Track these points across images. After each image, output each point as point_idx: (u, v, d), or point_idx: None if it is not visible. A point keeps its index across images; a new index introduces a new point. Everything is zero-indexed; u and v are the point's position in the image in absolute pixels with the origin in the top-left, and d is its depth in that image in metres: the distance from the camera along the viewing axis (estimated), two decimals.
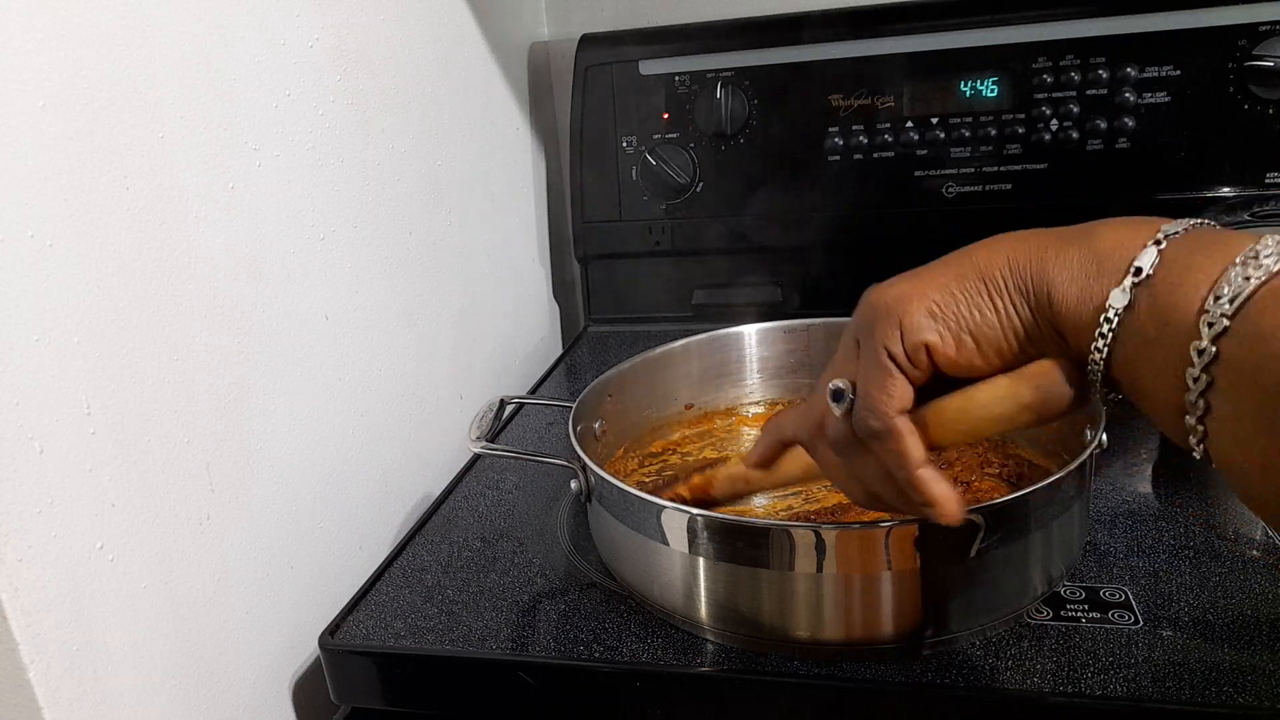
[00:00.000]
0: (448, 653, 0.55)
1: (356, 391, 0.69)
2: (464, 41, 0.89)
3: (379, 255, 0.72)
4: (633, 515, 0.56)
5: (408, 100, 0.77)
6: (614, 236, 1.05)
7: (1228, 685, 0.47)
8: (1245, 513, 0.63)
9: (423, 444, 0.79)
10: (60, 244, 0.43)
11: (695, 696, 0.53)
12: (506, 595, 0.60)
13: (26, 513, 0.42)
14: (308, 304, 0.63)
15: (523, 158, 1.05)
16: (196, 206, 0.52)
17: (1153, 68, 0.89)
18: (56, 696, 0.43)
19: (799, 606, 0.52)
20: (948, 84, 0.94)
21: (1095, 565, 0.58)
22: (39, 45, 0.42)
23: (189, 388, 0.52)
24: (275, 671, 0.59)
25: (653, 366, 0.76)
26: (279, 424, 0.60)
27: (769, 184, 1.00)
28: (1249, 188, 0.90)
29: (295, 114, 0.61)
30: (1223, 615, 0.52)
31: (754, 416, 0.79)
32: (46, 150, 0.43)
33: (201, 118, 0.53)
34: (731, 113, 0.98)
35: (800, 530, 0.51)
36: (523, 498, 0.72)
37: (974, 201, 0.95)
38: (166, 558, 0.50)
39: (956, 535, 0.51)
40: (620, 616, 0.57)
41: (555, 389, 0.94)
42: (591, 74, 1.02)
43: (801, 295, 1.03)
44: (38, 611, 0.42)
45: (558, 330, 1.16)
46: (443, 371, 0.83)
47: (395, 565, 0.64)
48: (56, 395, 0.43)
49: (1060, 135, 0.92)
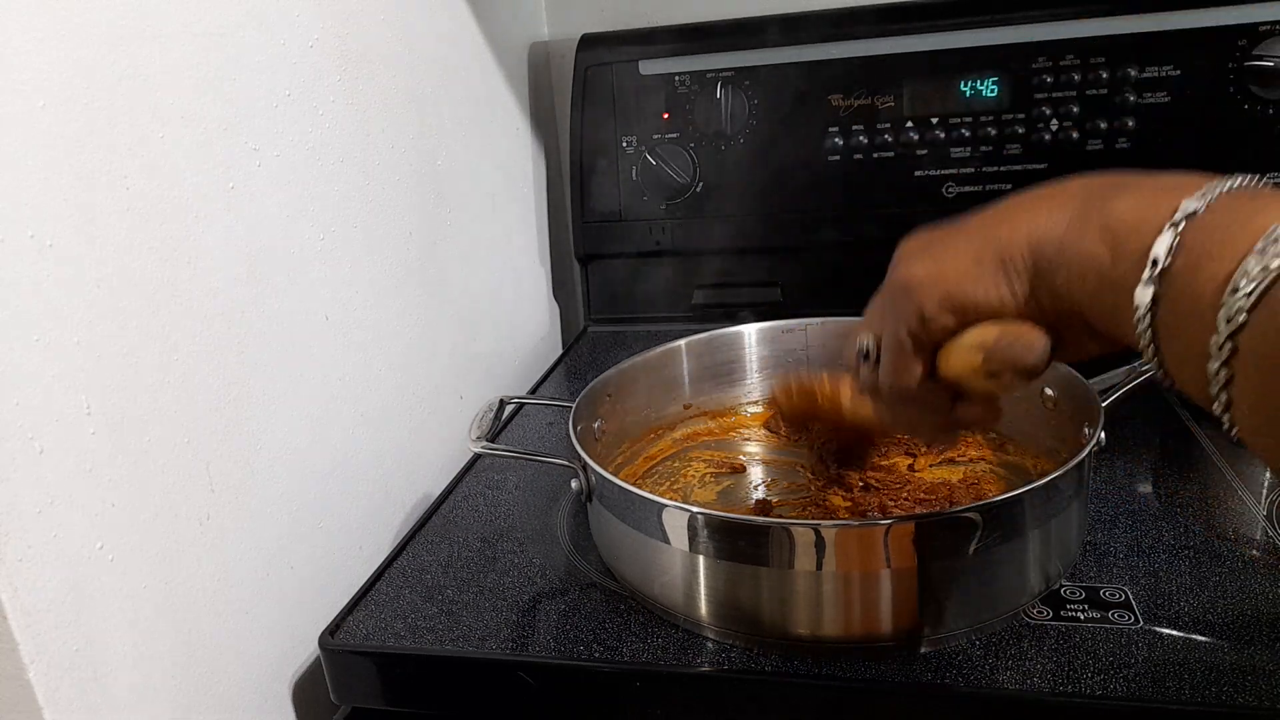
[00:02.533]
0: (448, 653, 0.55)
1: (356, 391, 0.69)
2: (464, 41, 0.89)
3: (379, 255, 0.72)
4: (633, 514, 0.56)
5: (408, 100, 0.77)
6: (614, 236, 1.05)
7: (1228, 685, 0.47)
8: (1245, 512, 0.63)
9: (423, 444, 0.79)
10: (60, 244, 0.43)
11: (695, 696, 0.53)
12: (506, 595, 0.60)
13: (26, 513, 0.42)
14: (308, 304, 0.63)
15: (523, 158, 1.05)
16: (196, 206, 0.52)
17: (1153, 68, 0.90)
18: (56, 696, 0.43)
19: (799, 604, 0.52)
20: (948, 84, 0.94)
21: (1095, 565, 0.58)
22: (39, 45, 0.42)
23: (189, 388, 0.52)
24: (275, 671, 0.60)
25: (653, 366, 0.76)
26: (279, 424, 0.60)
27: (769, 184, 1.00)
28: None
29: (295, 114, 0.61)
30: (1223, 615, 0.52)
31: (753, 416, 0.79)
32: (46, 150, 0.43)
33: (201, 118, 0.53)
34: (731, 113, 0.98)
35: (800, 528, 0.51)
36: (523, 498, 0.72)
37: (974, 201, 0.94)
38: (166, 558, 0.50)
39: (955, 533, 0.51)
40: (620, 616, 0.57)
41: (555, 389, 0.94)
42: (591, 74, 1.03)
43: (801, 295, 1.03)
44: (38, 611, 0.42)
45: (558, 330, 1.16)
46: (443, 371, 0.83)
47: (395, 565, 0.64)
48: (56, 395, 0.43)
49: (1060, 135, 0.92)
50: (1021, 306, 0.39)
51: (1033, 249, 0.38)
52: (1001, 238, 0.40)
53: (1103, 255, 0.36)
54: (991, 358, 0.40)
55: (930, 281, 0.41)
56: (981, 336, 0.41)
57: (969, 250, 0.41)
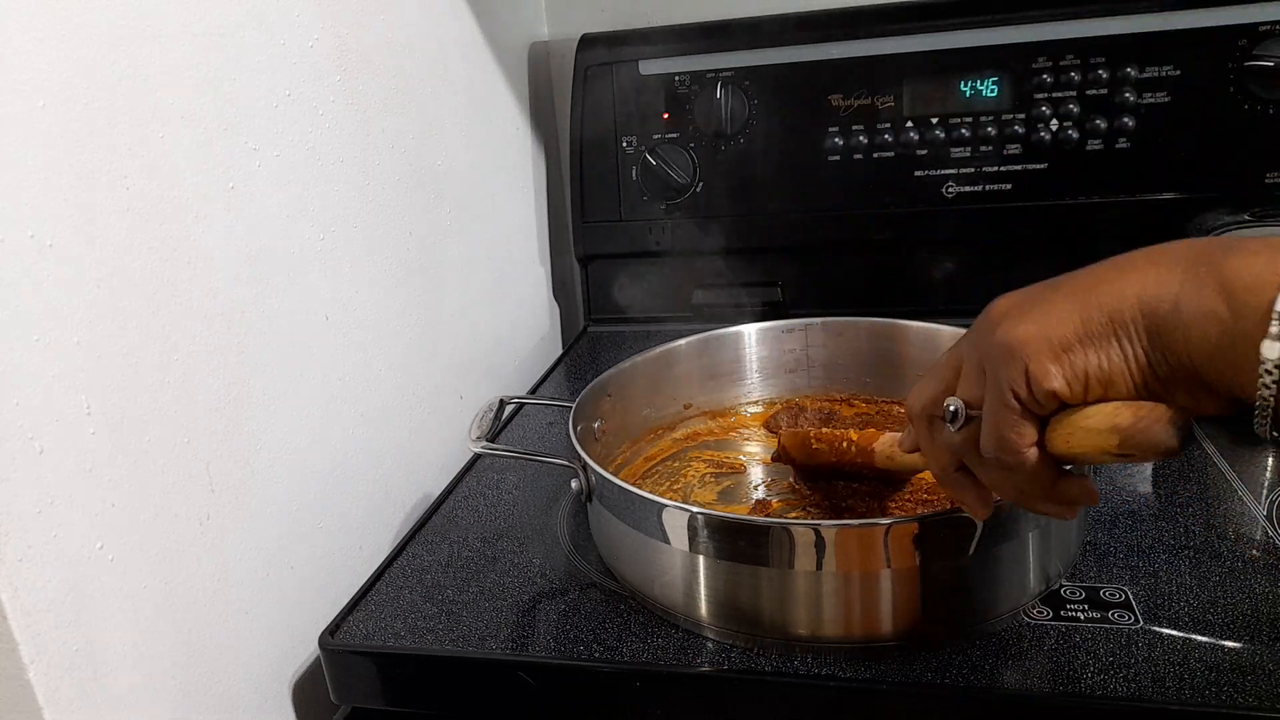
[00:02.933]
0: (448, 653, 0.55)
1: (356, 391, 0.69)
2: (464, 41, 0.89)
3: (379, 255, 0.73)
4: (633, 514, 0.56)
5: (407, 100, 0.77)
6: (614, 236, 1.05)
7: (1228, 685, 0.47)
8: (1245, 512, 0.63)
9: (423, 444, 0.79)
10: (60, 244, 0.43)
11: (695, 696, 0.53)
12: (506, 595, 0.60)
13: (26, 513, 0.42)
14: (308, 304, 0.63)
15: (523, 158, 1.05)
16: (196, 206, 0.52)
17: (1153, 68, 0.90)
18: (56, 696, 0.43)
19: (799, 604, 0.52)
20: (948, 84, 0.94)
21: (1095, 565, 0.58)
22: (39, 45, 0.42)
23: (189, 388, 0.52)
24: (275, 671, 0.60)
25: (653, 366, 0.76)
26: (279, 424, 0.60)
27: (769, 184, 1.00)
28: (1249, 188, 0.89)
29: (295, 114, 0.61)
30: (1223, 615, 0.52)
31: (753, 416, 0.79)
32: (46, 150, 0.43)
33: (201, 118, 0.53)
34: (731, 113, 0.98)
35: (800, 528, 0.51)
36: (523, 498, 0.72)
37: (974, 201, 0.95)
38: (166, 558, 0.50)
39: (955, 533, 0.51)
40: (620, 616, 0.57)
41: (555, 389, 0.94)
42: (591, 74, 1.03)
43: (801, 295, 1.03)
44: (38, 611, 0.42)
45: (558, 330, 1.16)
46: (443, 371, 0.83)
47: (395, 565, 0.64)
48: (56, 395, 0.43)
49: (1060, 135, 0.92)
50: (1140, 371, 0.38)
51: (1145, 309, 0.38)
52: (1108, 299, 0.39)
53: (1223, 311, 0.36)
54: (1129, 442, 0.39)
55: (1036, 344, 0.40)
56: (1113, 420, 0.39)
57: (1073, 312, 0.39)
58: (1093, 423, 0.40)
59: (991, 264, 0.97)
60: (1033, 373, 0.40)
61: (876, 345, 0.78)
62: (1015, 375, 0.40)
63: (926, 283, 0.99)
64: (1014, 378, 0.40)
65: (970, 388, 0.44)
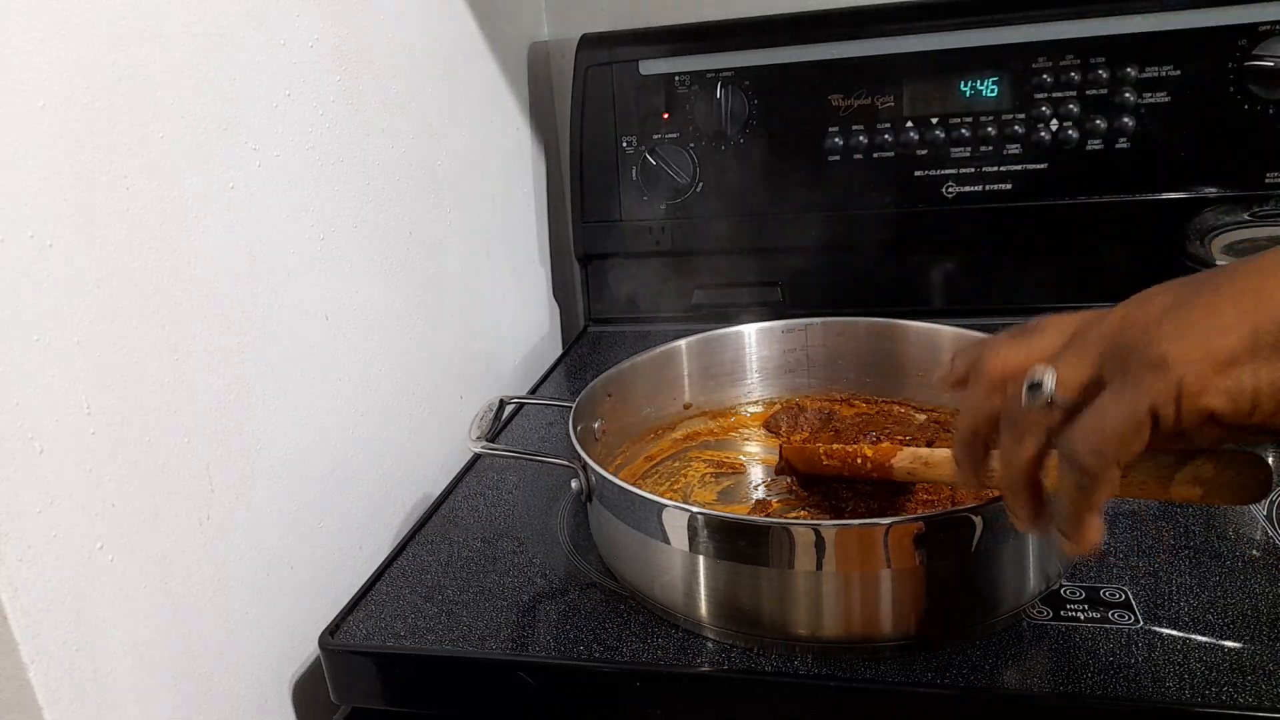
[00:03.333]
0: (448, 653, 0.55)
1: (356, 391, 0.69)
2: (464, 41, 0.89)
3: (379, 255, 0.73)
4: (633, 514, 0.56)
5: (408, 100, 0.77)
6: (614, 236, 1.05)
7: (1228, 685, 0.47)
8: (1245, 512, 0.63)
9: (423, 444, 0.79)
10: (60, 244, 0.43)
11: (695, 696, 0.53)
12: (506, 595, 0.60)
13: (26, 513, 0.42)
14: (308, 304, 0.63)
15: (523, 158, 1.05)
16: (196, 206, 0.52)
17: (1153, 68, 0.90)
18: (56, 696, 0.43)
19: (799, 604, 0.52)
20: (948, 84, 0.94)
21: (1095, 565, 0.58)
22: (39, 45, 0.42)
23: (189, 388, 0.52)
24: (275, 671, 0.59)
25: (653, 366, 0.76)
26: (279, 424, 0.60)
27: (769, 184, 1.00)
28: (1249, 188, 0.89)
29: (295, 114, 0.61)
30: (1223, 615, 0.52)
31: (753, 416, 0.79)
32: (46, 150, 0.43)
33: (201, 118, 0.53)
34: (731, 113, 0.98)
35: (800, 528, 0.51)
36: (523, 498, 0.72)
37: (974, 201, 0.95)
38: (166, 558, 0.50)
39: (956, 533, 0.51)
40: (620, 616, 0.57)
41: (555, 389, 0.94)
42: (591, 74, 1.02)
43: (801, 295, 1.03)
44: (38, 611, 0.42)
45: (558, 330, 1.16)
46: (443, 371, 0.83)
47: (395, 565, 0.64)
48: (56, 395, 0.43)
49: (1060, 135, 0.92)
50: None
51: None
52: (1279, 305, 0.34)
53: None
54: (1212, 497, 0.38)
55: (1200, 357, 0.35)
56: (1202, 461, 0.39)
57: (1242, 320, 0.35)
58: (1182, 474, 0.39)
59: (991, 264, 0.97)
60: (1187, 389, 0.35)
61: (876, 345, 0.78)
62: (1165, 391, 0.35)
63: (926, 283, 0.99)
64: (1163, 394, 0.35)
65: (1078, 368, 0.38)
